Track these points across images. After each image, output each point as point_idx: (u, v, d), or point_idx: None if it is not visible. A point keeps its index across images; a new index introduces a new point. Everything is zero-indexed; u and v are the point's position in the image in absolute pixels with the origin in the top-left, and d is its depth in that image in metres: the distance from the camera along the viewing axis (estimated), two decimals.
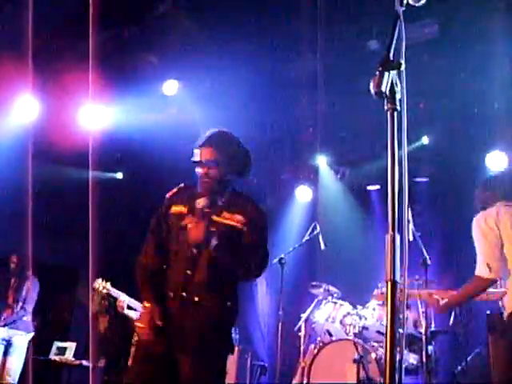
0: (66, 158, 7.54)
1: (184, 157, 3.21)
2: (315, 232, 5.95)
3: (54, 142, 7.04)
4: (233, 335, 3.02)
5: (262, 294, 8.55)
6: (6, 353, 6.30)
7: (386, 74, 1.45)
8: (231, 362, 6.69)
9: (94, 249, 6.57)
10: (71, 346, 7.62)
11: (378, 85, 1.44)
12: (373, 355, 5.06)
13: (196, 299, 2.79)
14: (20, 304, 6.45)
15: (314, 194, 7.76)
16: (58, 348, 7.66)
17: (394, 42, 1.53)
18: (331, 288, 5.95)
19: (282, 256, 5.66)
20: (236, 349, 6.86)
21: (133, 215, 7.35)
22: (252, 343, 7.99)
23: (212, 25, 6.11)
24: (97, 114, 7.00)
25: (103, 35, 6.19)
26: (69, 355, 7.52)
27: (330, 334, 5.68)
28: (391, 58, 1.49)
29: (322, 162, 7.51)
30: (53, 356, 7.53)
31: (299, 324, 5.93)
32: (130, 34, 6.48)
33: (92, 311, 7.18)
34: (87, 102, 6.78)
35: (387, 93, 1.45)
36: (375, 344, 5.39)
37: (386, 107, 1.49)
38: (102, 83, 6.33)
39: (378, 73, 1.46)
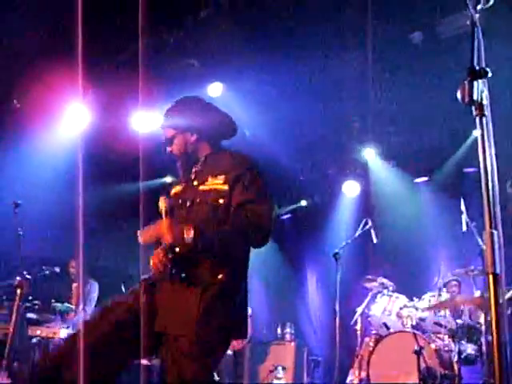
0: (116, 164, 7.72)
1: None
2: (367, 226, 5.97)
3: (104, 148, 7.23)
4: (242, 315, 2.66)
5: (312, 289, 8.64)
6: None
7: (475, 83, 1.53)
8: (289, 357, 6.82)
9: (144, 251, 6.72)
10: None
11: (470, 95, 1.53)
12: (432, 346, 5.11)
13: (183, 275, 2.58)
14: (81, 307, 6.68)
15: (361, 188, 7.79)
16: None
17: (476, 49, 1.60)
18: (386, 281, 5.98)
19: (337, 251, 5.66)
20: (292, 344, 6.99)
21: None
22: (304, 338, 8.09)
23: (254, 26, 6.19)
24: (145, 119, 7.15)
25: (148, 41, 6.34)
26: None
27: (387, 327, 5.73)
28: (476, 67, 1.56)
29: (370, 155, 7.49)
30: None
31: (355, 318, 5.99)
32: (174, 39, 6.61)
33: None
34: (136, 107, 6.94)
35: (479, 101, 1.53)
36: (432, 335, 5.44)
37: (474, 113, 1.57)
38: (149, 88, 6.46)
39: (466, 83, 1.54)
